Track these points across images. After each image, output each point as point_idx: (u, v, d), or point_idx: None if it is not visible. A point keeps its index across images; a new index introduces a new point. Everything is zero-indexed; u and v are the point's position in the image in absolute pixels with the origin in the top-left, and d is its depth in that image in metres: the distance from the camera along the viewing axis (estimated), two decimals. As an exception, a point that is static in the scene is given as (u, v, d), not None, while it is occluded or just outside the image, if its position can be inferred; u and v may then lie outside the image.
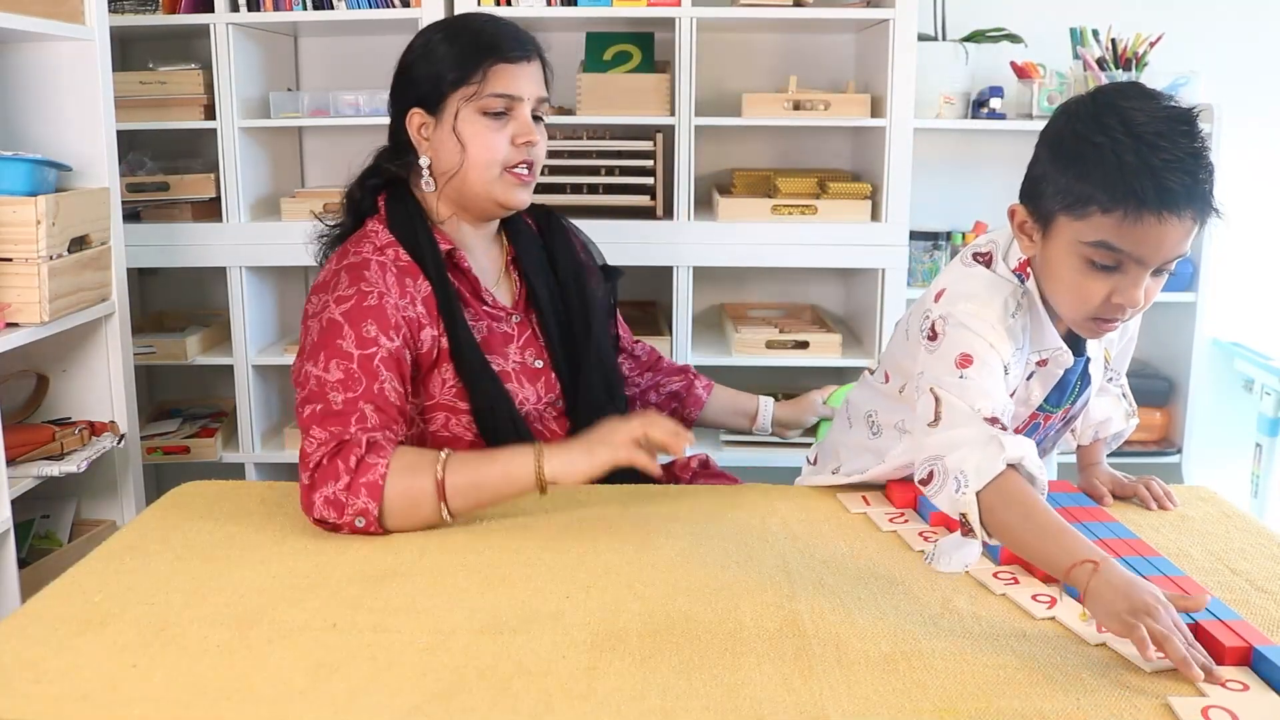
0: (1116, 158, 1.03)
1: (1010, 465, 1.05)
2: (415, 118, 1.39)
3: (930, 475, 1.10)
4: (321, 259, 1.46)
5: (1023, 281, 1.19)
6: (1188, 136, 1.03)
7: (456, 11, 2.32)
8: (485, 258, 1.47)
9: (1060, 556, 0.99)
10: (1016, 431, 1.22)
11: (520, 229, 1.51)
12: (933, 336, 1.18)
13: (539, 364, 1.43)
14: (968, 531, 1.06)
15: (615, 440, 1.22)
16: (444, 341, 1.35)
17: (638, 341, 1.70)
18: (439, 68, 1.36)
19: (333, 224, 1.49)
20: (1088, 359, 1.25)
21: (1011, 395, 1.17)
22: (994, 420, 1.09)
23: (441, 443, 1.38)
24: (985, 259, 1.23)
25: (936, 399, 1.12)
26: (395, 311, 1.31)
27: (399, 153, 1.43)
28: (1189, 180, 1.02)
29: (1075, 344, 1.22)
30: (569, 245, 1.54)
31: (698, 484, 1.54)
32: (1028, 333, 1.19)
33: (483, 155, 1.35)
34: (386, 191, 1.43)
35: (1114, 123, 1.05)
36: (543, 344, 1.44)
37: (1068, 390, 1.26)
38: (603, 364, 1.49)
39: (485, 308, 1.42)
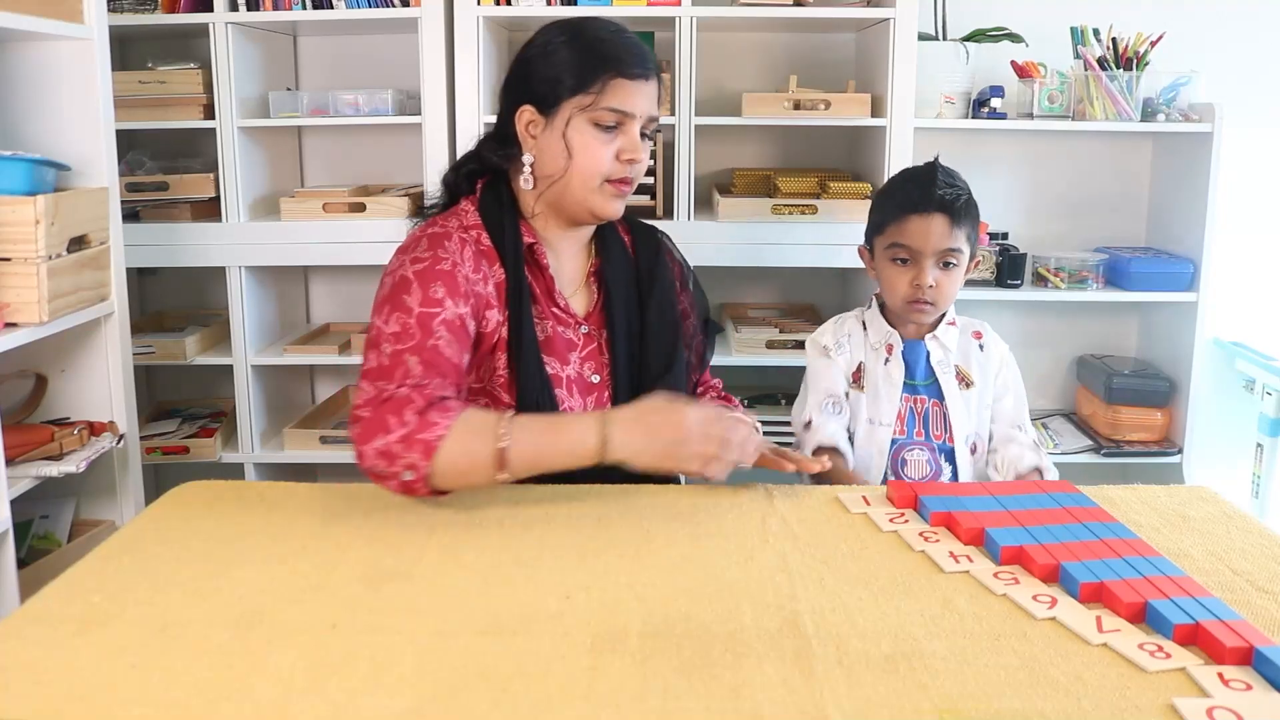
0: (895, 189, 1.69)
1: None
2: (525, 114, 1.38)
3: None
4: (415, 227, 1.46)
5: (871, 306, 1.75)
6: (944, 175, 1.63)
7: (456, 10, 2.32)
8: (569, 262, 1.45)
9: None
10: (898, 417, 1.68)
11: (612, 242, 1.49)
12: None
13: (595, 379, 1.42)
14: None
15: (691, 454, 1.21)
16: (505, 330, 1.35)
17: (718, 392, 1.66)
18: (558, 71, 1.35)
19: (429, 205, 1.50)
20: (927, 350, 1.69)
21: (858, 371, 1.72)
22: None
23: None
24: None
25: None
26: (466, 282, 1.32)
27: (503, 144, 1.42)
28: (936, 191, 1.60)
29: (917, 346, 1.70)
30: (662, 266, 1.51)
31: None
32: (864, 331, 1.73)
33: (588, 166, 1.35)
34: (485, 178, 1.43)
35: (895, 176, 1.74)
36: (606, 360, 1.43)
37: (919, 370, 1.69)
38: (665, 388, 1.42)
39: (554, 309, 1.41)
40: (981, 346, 1.73)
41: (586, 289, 1.47)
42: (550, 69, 1.36)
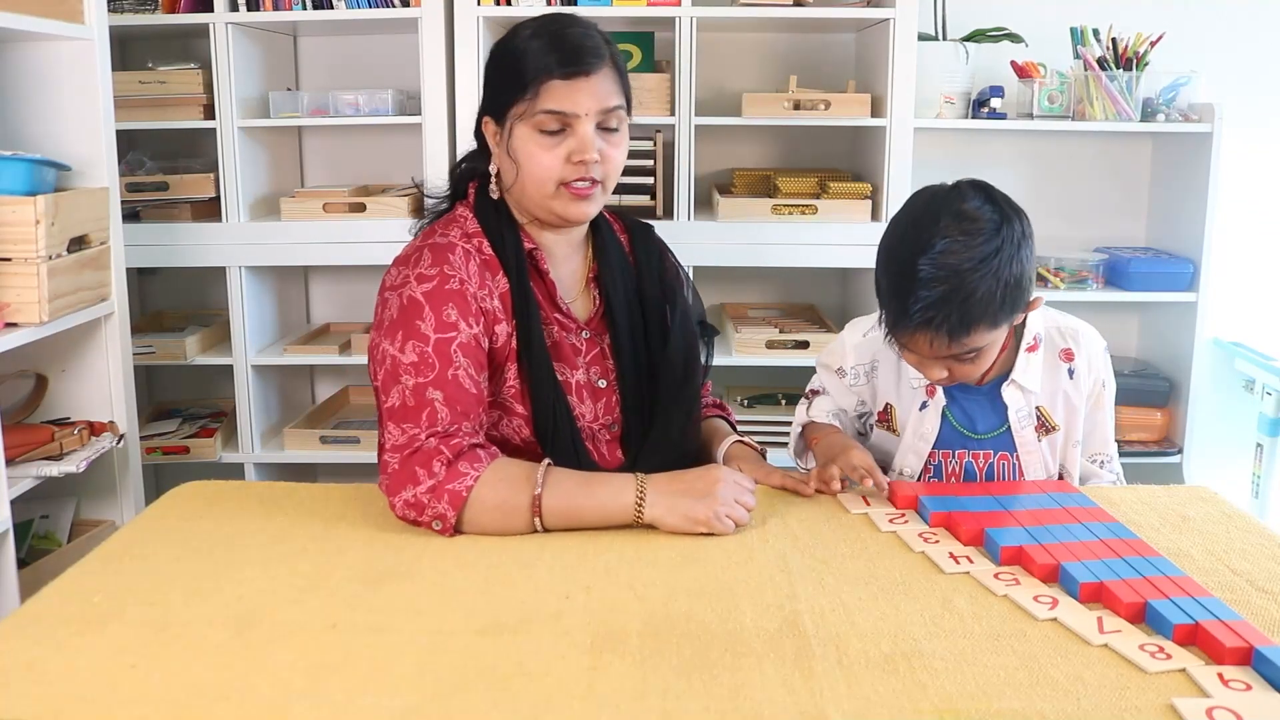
0: (884, 296, 1.31)
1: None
2: (488, 126, 1.37)
3: None
4: (416, 233, 1.44)
5: None
6: (930, 270, 1.24)
7: (456, 10, 2.32)
8: (566, 266, 1.43)
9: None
10: (950, 475, 1.43)
11: (609, 243, 1.46)
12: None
13: (602, 384, 1.41)
14: None
15: (711, 515, 1.21)
16: (514, 341, 1.34)
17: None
18: (501, 80, 1.33)
19: (436, 200, 1.48)
20: (997, 392, 1.41)
21: (886, 413, 1.47)
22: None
23: (490, 441, 1.35)
24: None
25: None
26: (474, 300, 1.31)
27: (482, 152, 1.41)
28: (914, 306, 1.25)
29: (975, 395, 1.43)
30: (659, 264, 1.49)
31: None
32: (898, 355, 1.39)
33: (536, 172, 1.31)
34: (478, 181, 1.41)
35: (888, 242, 1.33)
36: (611, 364, 1.42)
37: (980, 419, 1.42)
38: (684, 398, 1.43)
39: (558, 315, 1.40)
40: (1072, 371, 1.42)
41: (586, 294, 1.45)
42: (497, 78, 1.34)
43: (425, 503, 1.20)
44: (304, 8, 2.36)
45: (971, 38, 2.51)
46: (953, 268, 1.24)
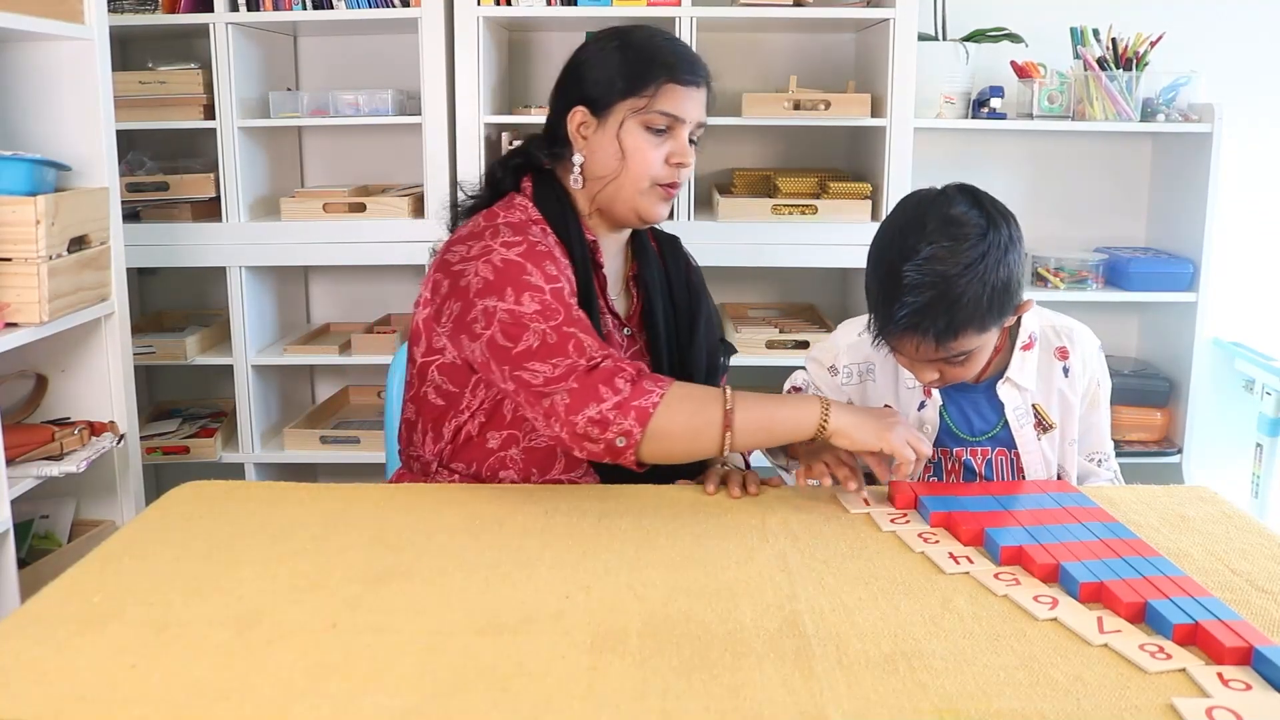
0: (871, 283, 1.33)
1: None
2: (577, 115, 1.39)
3: None
4: (454, 225, 1.45)
5: None
6: (915, 274, 1.24)
7: (456, 10, 2.32)
8: (612, 264, 1.47)
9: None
10: (950, 473, 1.44)
11: (645, 247, 1.51)
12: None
13: None
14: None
15: (897, 438, 1.24)
16: None
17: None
18: (612, 74, 1.37)
19: (471, 195, 1.49)
20: (993, 391, 1.42)
21: None
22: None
23: (526, 424, 1.36)
24: None
25: None
26: (561, 266, 1.33)
27: (552, 144, 1.43)
28: (899, 313, 1.26)
29: (973, 394, 1.43)
30: (696, 275, 1.56)
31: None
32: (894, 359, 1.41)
33: (640, 168, 1.37)
34: (532, 174, 1.44)
35: (877, 250, 1.33)
36: (648, 363, 1.45)
37: (977, 419, 1.43)
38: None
39: (606, 310, 1.43)
40: (1067, 370, 1.43)
41: (626, 292, 1.49)
42: (604, 72, 1.38)
43: (610, 419, 1.20)
44: (304, 8, 2.36)
45: (971, 38, 2.51)
46: (939, 274, 1.24)
